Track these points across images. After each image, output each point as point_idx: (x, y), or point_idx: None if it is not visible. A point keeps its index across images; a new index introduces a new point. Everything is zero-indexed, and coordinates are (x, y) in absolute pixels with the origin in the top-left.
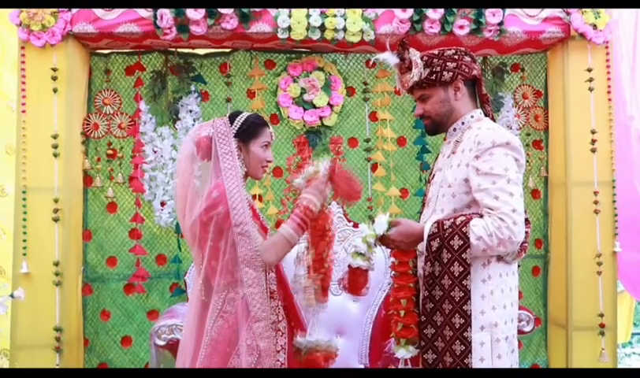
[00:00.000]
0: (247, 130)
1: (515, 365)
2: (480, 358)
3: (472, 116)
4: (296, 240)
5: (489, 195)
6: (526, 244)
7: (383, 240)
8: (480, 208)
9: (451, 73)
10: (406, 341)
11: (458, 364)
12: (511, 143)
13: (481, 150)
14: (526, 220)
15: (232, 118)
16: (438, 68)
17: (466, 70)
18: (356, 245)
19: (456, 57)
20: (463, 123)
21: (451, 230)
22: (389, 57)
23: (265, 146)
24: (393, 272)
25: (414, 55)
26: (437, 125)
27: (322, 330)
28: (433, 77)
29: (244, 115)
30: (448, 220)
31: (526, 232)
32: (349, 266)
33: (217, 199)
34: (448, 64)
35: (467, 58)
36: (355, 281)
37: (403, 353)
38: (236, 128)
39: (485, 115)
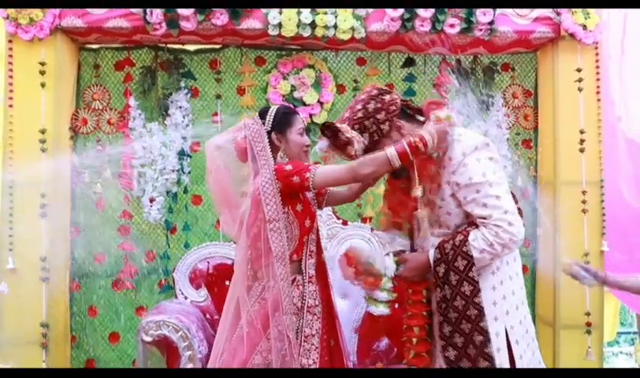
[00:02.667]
0: (281, 121)
1: (533, 344)
2: (497, 348)
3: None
4: (395, 164)
5: (478, 205)
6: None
7: (396, 279)
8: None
9: (387, 122)
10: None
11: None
12: (479, 146)
13: (455, 165)
14: (519, 209)
15: (263, 115)
16: (374, 128)
17: (394, 108)
18: (375, 295)
19: (380, 105)
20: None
21: (453, 252)
22: (325, 143)
23: (300, 133)
24: (408, 301)
25: (346, 131)
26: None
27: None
28: (376, 137)
29: (274, 109)
30: (449, 241)
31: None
32: (370, 314)
33: (258, 197)
34: (378, 117)
35: (387, 97)
36: (375, 325)
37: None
38: (270, 123)
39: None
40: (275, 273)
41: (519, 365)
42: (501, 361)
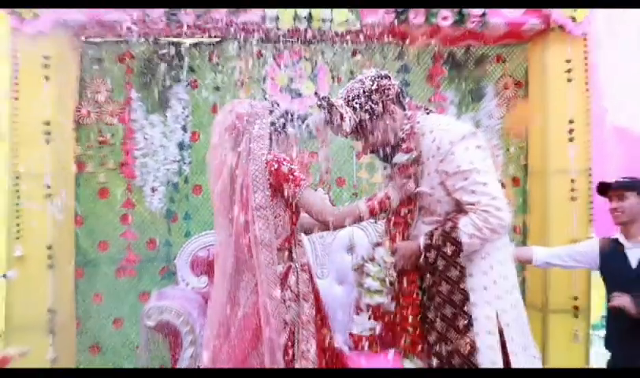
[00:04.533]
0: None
1: (525, 327)
2: (487, 331)
3: (409, 118)
4: (365, 218)
5: (466, 192)
6: None
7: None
8: (463, 205)
9: (380, 104)
10: (414, 355)
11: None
12: (466, 135)
13: (443, 154)
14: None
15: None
16: (367, 106)
17: (390, 92)
18: (369, 285)
19: (376, 86)
20: (402, 131)
21: (442, 238)
22: (319, 117)
23: None
24: (402, 290)
25: (340, 106)
26: (386, 151)
27: None
28: (367, 116)
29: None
30: (438, 228)
31: None
32: (368, 305)
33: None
34: (373, 97)
35: (385, 81)
36: (379, 314)
37: (409, 365)
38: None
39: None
40: (260, 262)
41: (510, 347)
42: (492, 344)
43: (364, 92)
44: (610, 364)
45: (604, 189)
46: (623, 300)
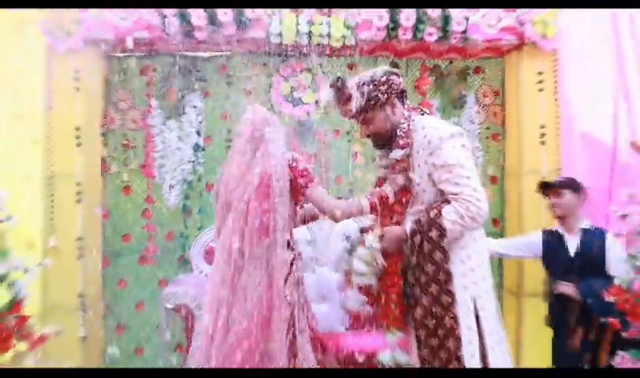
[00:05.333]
0: None
1: (496, 313)
2: (466, 313)
3: (407, 117)
4: (366, 213)
5: (451, 183)
6: None
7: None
8: (446, 195)
9: (385, 95)
10: (396, 328)
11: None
12: (454, 134)
13: (433, 148)
14: None
15: None
16: (374, 94)
17: (396, 87)
18: (358, 267)
19: (385, 78)
20: (399, 128)
21: (427, 224)
22: (329, 94)
23: None
24: (385, 272)
25: (351, 87)
26: (382, 140)
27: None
28: (372, 102)
29: None
30: (424, 215)
31: None
32: (360, 287)
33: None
34: (381, 87)
35: (394, 77)
36: (369, 293)
37: (392, 338)
38: None
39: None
40: (278, 245)
41: (484, 326)
42: (469, 324)
43: (373, 81)
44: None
45: (544, 187)
46: (567, 288)
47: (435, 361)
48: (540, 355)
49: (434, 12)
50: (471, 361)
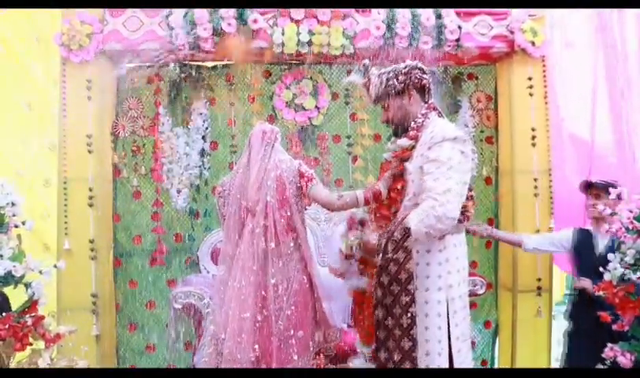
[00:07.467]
0: None
1: (468, 319)
2: (437, 314)
3: (424, 114)
4: (361, 206)
5: (432, 178)
6: (469, 214)
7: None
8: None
9: (402, 84)
10: (366, 345)
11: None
12: (458, 138)
13: (433, 143)
14: (471, 196)
15: None
16: (391, 83)
17: (416, 80)
18: (341, 248)
19: (406, 70)
20: (414, 122)
21: (394, 226)
22: (356, 78)
23: None
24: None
25: (373, 74)
26: (398, 127)
27: None
28: (389, 89)
29: None
30: (395, 220)
31: (465, 206)
32: (347, 256)
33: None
34: (400, 77)
35: (417, 71)
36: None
37: (362, 348)
38: None
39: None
40: (305, 239)
41: (452, 330)
42: (440, 324)
43: (394, 71)
44: (568, 332)
45: (586, 187)
46: (584, 283)
47: (389, 363)
48: (534, 350)
49: (429, 22)
50: (438, 359)
